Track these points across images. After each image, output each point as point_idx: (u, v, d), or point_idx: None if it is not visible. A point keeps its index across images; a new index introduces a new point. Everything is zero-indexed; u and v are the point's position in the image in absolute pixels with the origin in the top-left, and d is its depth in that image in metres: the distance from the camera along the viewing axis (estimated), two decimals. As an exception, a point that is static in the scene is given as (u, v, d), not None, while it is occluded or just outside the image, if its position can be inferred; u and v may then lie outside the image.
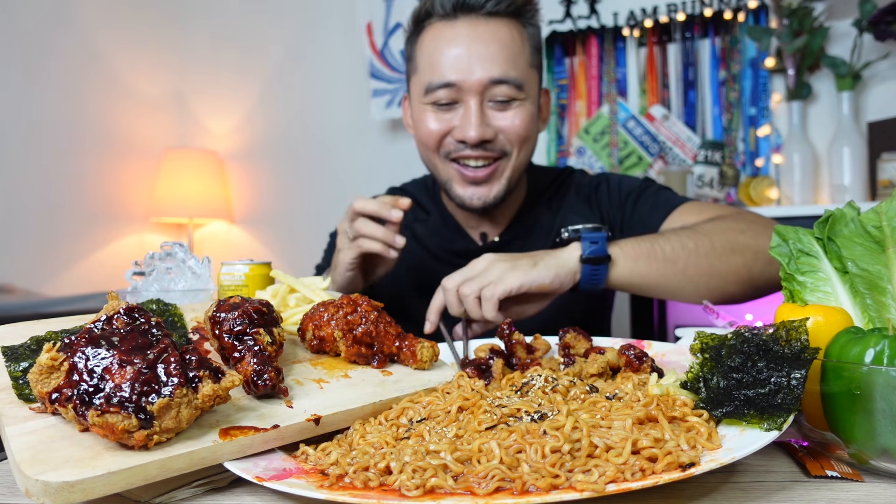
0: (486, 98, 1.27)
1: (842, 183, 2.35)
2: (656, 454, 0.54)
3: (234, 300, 0.75)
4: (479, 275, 1.06)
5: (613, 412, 0.62)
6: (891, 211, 0.71)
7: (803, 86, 2.47)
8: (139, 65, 3.54)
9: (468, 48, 1.26)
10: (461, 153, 1.30)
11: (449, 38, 1.28)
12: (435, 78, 1.28)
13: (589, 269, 1.08)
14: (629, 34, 2.80)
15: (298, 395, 0.71)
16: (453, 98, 1.28)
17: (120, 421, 0.55)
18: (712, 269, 1.12)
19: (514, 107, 1.28)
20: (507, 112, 1.28)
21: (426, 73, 1.31)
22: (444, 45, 1.28)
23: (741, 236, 1.14)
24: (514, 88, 1.27)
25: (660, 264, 1.11)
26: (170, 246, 1.09)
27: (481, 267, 1.07)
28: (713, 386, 0.63)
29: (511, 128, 1.28)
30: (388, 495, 0.52)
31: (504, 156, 1.31)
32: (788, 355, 0.60)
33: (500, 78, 1.25)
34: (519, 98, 1.28)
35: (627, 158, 2.78)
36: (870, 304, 0.72)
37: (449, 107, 1.29)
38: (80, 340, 0.59)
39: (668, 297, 1.16)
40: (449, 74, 1.26)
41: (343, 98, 3.37)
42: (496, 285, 1.03)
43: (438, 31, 1.30)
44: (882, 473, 0.59)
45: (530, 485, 0.52)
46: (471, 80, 1.25)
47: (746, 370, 0.61)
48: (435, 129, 1.30)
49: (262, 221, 3.56)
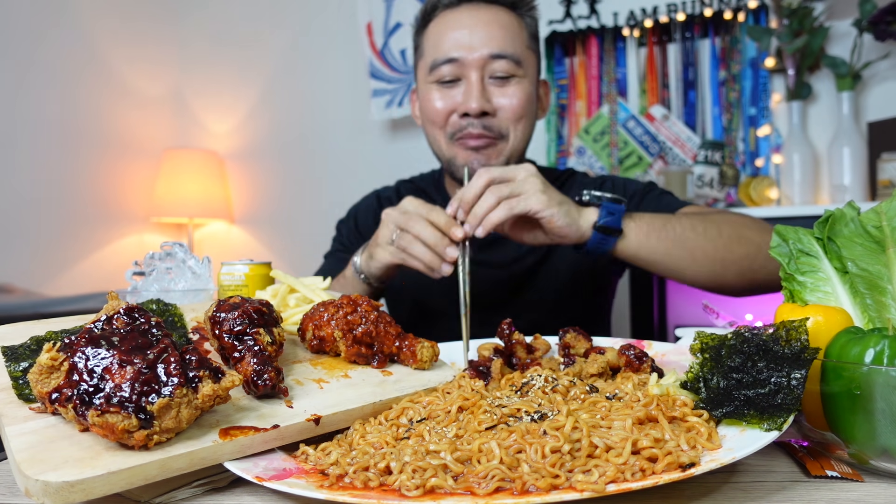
0: (487, 73, 1.36)
1: (842, 183, 2.35)
2: (656, 454, 0.54)
3: (234, 300, 0.75)
4: (514, 182, 1.08)
5: (613, 412, 0.62)
6: (891, 211, 0.71)
7: (803, 86, 2.47)
8: (139, 64, 3.54)
9: (470, 29, 1.36)
10: (464, 132, 1.38)
11: (452, 22, 1.38)
12: (439, 55, 1.38)
13: (599, 236, 1.11)
14: (629, 34, 2.80)
15: (298, 395, 0.71)
16: (456, 73, 1.37)
17: (120, 421, 0.55)
18: (716, 255, 1.15)
19: (513, 83, 1.37)
20: (506, 88, 1.37)
21: (430, 53, 1.40)
22: (447, 29, 1.38)
23: (746, 230, 1.18)
24: (512, 64, 1.36)
25: (668, 244, 1.13)
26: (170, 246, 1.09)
27: (520, 176, 1.08)
28: (713, 386, 0.63)
29: (509, 105, 1.37)
30: (388, 495, 0.52)
31: (502, 138, 1.38)
32: (788, 355, 0.60)
33: (499, 53, 1.35)
34: (517, 75, 1.37)
35: (627, 158, 2.78)
36: (870, 304, 0.72)
37: (452, 84, 1.38)
38: (80, 340, 0.59)
39: (668, 275, 1.19)
40: (451, 51, 1.36)
41: (343, 98, 3.37)
42: (522, 200, 1.06)
43: (443, 18, 1.41)
44: (882, 473, 0.59)
45: (530, 485, 0.52)
46: (472, 56, 1.34)
47: (746, 370, 0.61)
48: (440, 107, 1.39)
49: (262, 221, 3.56)
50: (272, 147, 3.51)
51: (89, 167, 3.28)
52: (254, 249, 3.54)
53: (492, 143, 1.38)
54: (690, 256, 1.15)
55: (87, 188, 3.28)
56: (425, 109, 1.43)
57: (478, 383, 0.73)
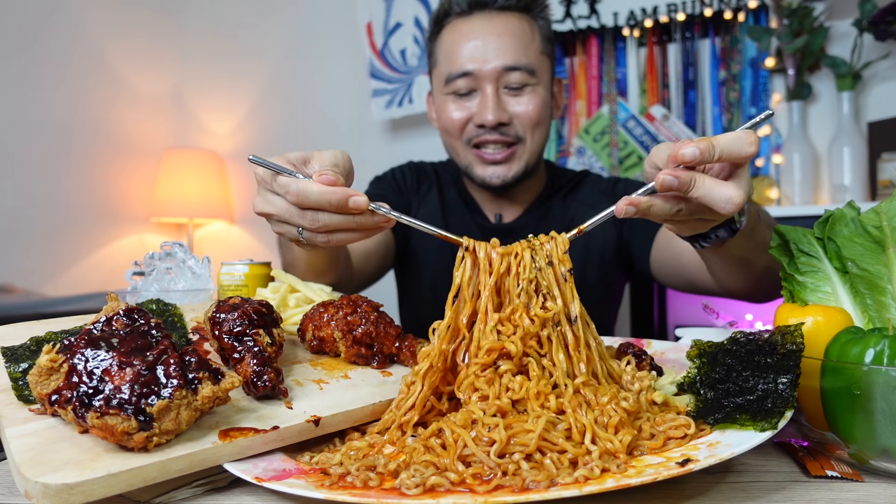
0: (501, 84, 1.37)
1: (842, 183, 2.35)
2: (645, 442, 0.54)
3: (234, 301, 0.75)
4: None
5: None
6: (891, 211, 0.71)
7: (803, 86, 2.47)
8: (139, 64, 3.53)
9: (483, 40, 1.36)
10: (481, 138, 1.39)
11: (465, 31, 1.38)
12: (454, 68, 1.38)
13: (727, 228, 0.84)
14: (629, 34, 2.80)
15: (298, 395, 0.71)
16: (471, 86, 1.38)
17: (119, 423, 0.55)
18: (751, 263, 0.99)
19: (528, 92, 1.38)
20: (521, 97, 1.38)
21: (445, 65, 1.41)
22: (460, 39, 1.38)
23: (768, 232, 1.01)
24: (526, 74, 1.37)
25: (748, 245, 0.93)
26: (170, 246, 1.09)
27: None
28: (702, 397, 0.63)
29: (525, 113, 1.38)
30: (389, 494, 0.52)
31: (519, 141, 1.40)
32: (772, 363, 0.60)
33: (512, 65, 1.36)
34: (531, 83, 1.38)
35: (627, 158, 2.78)
36: (870, 304, 0.72)
37: (468, 95, 1.40)
38: (80, 342, 0.59)
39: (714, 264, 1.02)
40: (466, 64, 1.37)
41: (343, 98, 3.37)
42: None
43: (455, 26, 1.41)
44: (882, 473, 0.59)
45: (530, 482, 0.52)
46: (486, 69, 1.36)
47: (732, 380, 0.61)
48: (457, 118, 1.41)
49: (262, 221, 3.55)
50: (272, 147, 3.51)
51: (89, 167, 3.28)
52: (254, 249, 3.54)
53: (510, 151, 1.39)
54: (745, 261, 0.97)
55: (87, 188, 3.27)
56: (442, 119, 1.45)
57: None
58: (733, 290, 1.10)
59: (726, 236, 0.83)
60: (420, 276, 1.56)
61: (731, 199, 0.66)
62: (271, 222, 0.79)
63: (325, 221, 0.73)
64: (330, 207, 0.71)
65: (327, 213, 0.72)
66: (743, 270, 1.00)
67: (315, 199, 0.71)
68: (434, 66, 1.47)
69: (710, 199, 0.67)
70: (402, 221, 0.73)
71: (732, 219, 0.81)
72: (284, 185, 0.73)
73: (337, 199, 0.71)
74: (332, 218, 0.72)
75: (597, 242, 1.48)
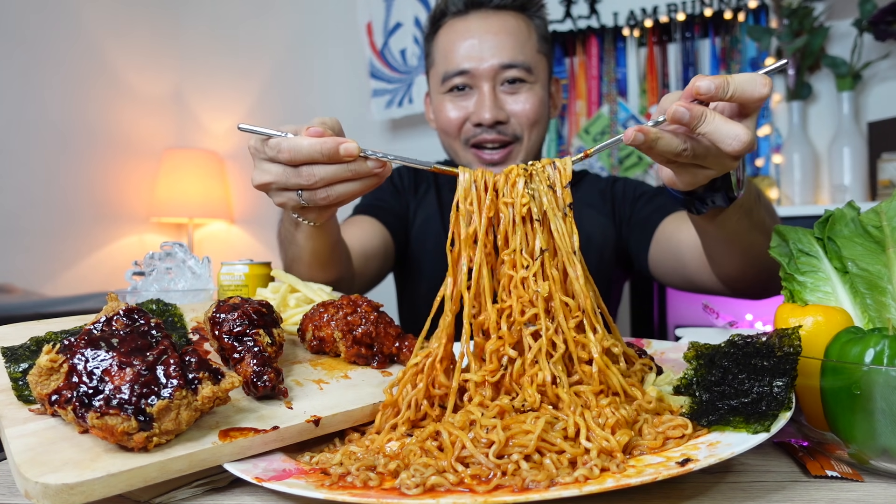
0: (498, 82, 1.37)
1: (842, 183, 2.35)
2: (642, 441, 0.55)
3: (234, 301, 0.75)
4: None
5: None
6: (891, 211, 0.71)
7: (803, 86, 2.47)
8: (139, 65, 3.53)
9: (479, 39, 1.36)
10: (479, 138, 1.39)
11: (461, 31, 1.38)
12: (450, 67, 1.38)
13: (723, 195, 0.84)
14: (629, 34, 2.80)
15: (298, 396, 0.71)
16: (468, 85, 1.38)
17: (119, 423, 0.55)
18: (749, 245, 0.98)
19: (525, 90, 1.38)
20: (518, 95, 1.38)
21: (442, 64, 1.41)
22: (457, 38, 1.38)
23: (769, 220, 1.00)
24: (523, 72, 1.37)
25: (745, 222, 0.93)
26: (170, 246, 1.09)
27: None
28: (697, 399, 0.63)
29: (522, 112, 1.38)
30: (389, 494, 0.52)
31: (516, 140, 1.40)
32: (768, 366, 0.60)
33: (509, 63, 1.36)
34: (528, 81, 1.38)
35: (627, 158, 2.78)
36: (870, 304, 0.72)
37: (465, 94, 1.39)
38: (80, 342, 0.59)
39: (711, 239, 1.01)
40: (463, 63, 1.37)
41: (343, 98, 3.37)
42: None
43: (452, 26, 1.41)
44: (882, 473, 0.59)
45: (530, 481, 0.52)
46: (483, 67, 1.36)
47: (727, 383, 0.61)
48: (454, 117, 1.40)
49: (262, 221, 3.55)
50: (272, 147, 3.51)
51: (89, 167, 3.28)
52: (254, 249, 3.54)
53: (507, 151, 1.39)
54: (744, 238, 0.95)
55: (88, 188, 3.28)
56: (439, 119, 1.45)
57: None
58: (729, 276, 1.07)
59: (722, 204, 0.83)
60: (419, 278, 1.56)
61: (738, 136, 0.66)
62: (271, 193, 0.81)
63: (321, 174, 0.75)
64: (322, 158, 0.74)
65: (321, 166, 0.75)
66: (739, 251, 0.98)
67: (307, 151, 0.73)
68: (431, 66, 1.47)
69: (717, 134, 0.67)
70: (395, 161, 0.76)
71: (729, 184, 0.81)
72: (276, 145, 0.75)
73: (328, 148, 0.73)
74: (327, 169, 0.75)
75: (595, 241, 1.48)
